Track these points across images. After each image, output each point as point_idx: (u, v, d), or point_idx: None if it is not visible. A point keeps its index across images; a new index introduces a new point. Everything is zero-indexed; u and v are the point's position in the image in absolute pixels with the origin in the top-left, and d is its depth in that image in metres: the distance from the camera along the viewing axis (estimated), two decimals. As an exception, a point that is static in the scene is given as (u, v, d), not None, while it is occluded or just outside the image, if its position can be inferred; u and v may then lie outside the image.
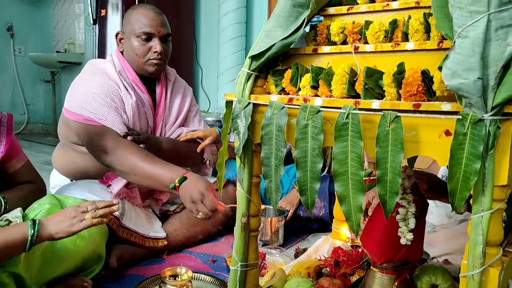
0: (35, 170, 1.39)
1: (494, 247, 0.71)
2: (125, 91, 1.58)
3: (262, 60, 0.91)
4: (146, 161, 1.41)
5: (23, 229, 1.05)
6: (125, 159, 1.43)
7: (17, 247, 1.05)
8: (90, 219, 1.10)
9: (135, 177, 1.43)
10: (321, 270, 1.14)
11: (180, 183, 1.32)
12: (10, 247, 1.03)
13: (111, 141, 1.46)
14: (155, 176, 1.38)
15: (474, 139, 0.66)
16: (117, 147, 1.45)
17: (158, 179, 1.38)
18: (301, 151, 0.82)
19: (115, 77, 1.59)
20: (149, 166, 1.40)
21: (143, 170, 1.40)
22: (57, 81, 5.02)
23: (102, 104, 1.51)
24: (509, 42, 0.63)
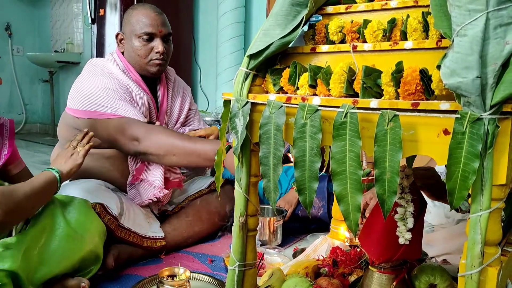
0: (30, 173, 1.40)
1: (492, 246, 0.71)
2: (135, 88, 1.58)
3: (260, 59, 0.91)
4: (183, 139, 1.46)
5: (47, 174, 1.25)
6: (161, 142, 1.45)
7: (49, 190, 1.24)
8: (82, 147, 1.34)
9: (173, 157, 1.45)
10: (319, 270, 1.14)
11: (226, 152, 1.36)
12: (42, 191, 1.21)
13: (140, 128, 1.47)
14: (198, 151, 1.42)
15: (472, 138, 0.66)
16: (149, 132, 1.47)
17: (201, 153, 1.42)
18: (299, 150, 0.82)
19: (121, 76, 1.58)
20: (188, 143, 1.44)
21: (183, 148, 1.43)
22: (55, 80, 5.01)
23: (117, 98, 1.51)
24: (508, 40, 0.63)
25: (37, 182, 1.22)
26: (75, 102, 1.56)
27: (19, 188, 1.17)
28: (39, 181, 1.22)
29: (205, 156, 1.40)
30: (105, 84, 1.53)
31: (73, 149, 1.34)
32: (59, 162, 1.32)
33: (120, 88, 1.54)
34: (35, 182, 1.22)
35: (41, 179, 1.23)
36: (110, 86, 1.52)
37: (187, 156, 1.43)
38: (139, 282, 1.34)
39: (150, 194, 1.57)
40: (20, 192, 1.15)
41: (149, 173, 1.58)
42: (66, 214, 1.29)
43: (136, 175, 1.57)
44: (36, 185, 1.21)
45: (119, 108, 1.49)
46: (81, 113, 1.53)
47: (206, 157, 1.40)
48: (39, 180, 1.23)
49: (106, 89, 1.51)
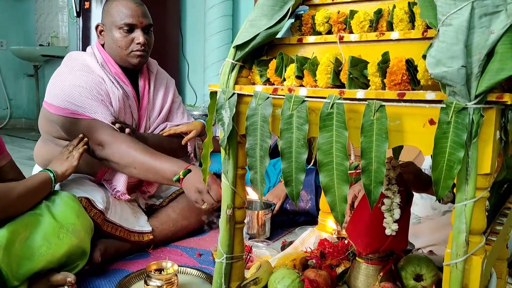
0: (18, 167, 1.38)
1: (477, 235, 0.71)
2: (110, 83, 1.56)
3: (246, 50, 0.90)
4: (146, 154, 1.42)
5: (43, 174, 1.32)
6: (124, 152, 1.43)
7: (43, 189, 1.30)
8: (78, 151, 1.42)
9: (134, 170, 1.44)
10: (307, 262, 1.14)
11: (184, 175, 1.34)
12: (37, 190, 1.28)
13: (106, 134, 1.45)
14: (157, 169, 1.39)
15: (457, 128, 0.66)
16: (114, 140, 1.45)
17: (159, 172, 1.39)
18: (286, 141, 0.81)
19: (98, 70, 1.56)
20: (150, 159, 1.41)
21: (144, 163, 1.41)
22: (40, 75, 4.94)
23: (88, 97, 1.49)
24: (493, 29, 0.63)
25: (32, 182, 1.27)
26: (49, 96, 1.54)
27: (14, 187, 1.21)
28: (34, 181, 1.28)
29: (165, 176, 1.38)
30: (79, 81, 1.51)
31: (68, 153, 1.42)
32: (55, 164, 1.39)
33: (94, 85, 1.51)
34: (30, 182, 1.27)
35: (36, 179, 1.29)
36: (83, 84, 1.50)
37: (146, 171, 1.41)
38: (126, 277, 1.33)
39: (114, 192, 1.58)
40: (15, 191, 1.20)
41: (114, 176, 1.57)
42: (52, 209, 1.27)
43: (100, 175, 1.57)
44: (30, 185, 1.26)
45: (89, 109, 1.48)
46: (53, 108, 1.51)
47: (165, 176, 1.38)
48: (34, 180, 1.28)
49: (79, 87, 1.49)
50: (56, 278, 1.23)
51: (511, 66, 0.63)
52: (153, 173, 1.40)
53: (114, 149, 1.44)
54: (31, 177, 1.31)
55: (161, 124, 1.74)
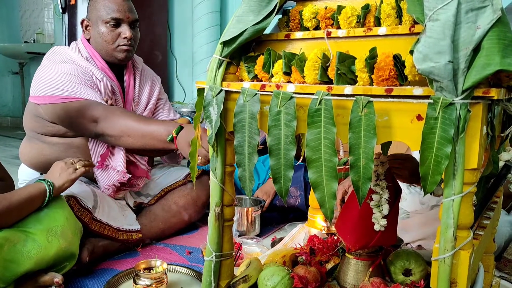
0: (3, 167, 1.35)
1: (464, 230, 0.72)
2: (99, 74, 1.55)
3: (234, 46, 0.89)
4: (139, 120, 1.45)
5: (39, 186, 1.24)
6: (117, 123, 1.44)
7: (37, 202, 1.23)
8: (81, 166, 1.32)
9: (129, 139, 1.44)
10: (297, 259, 1.14)
11: (177, 133, 1.36)
12: (29, 203, 1.21)
13: (99, 110, 1.46)
14: (151, 132, 1.41)
15: (445, 123, 0.66)
16: (107, 113, 1.46)
17: (154, 135, 1.41)
18: (274, 138, 0.81)
19: (84, 63, 1.55)
20: (143, 125, 1.43)
21: (138, 130, 1.43)
22: (25, 72, 4.86)
23: (77, 82, 1.49)
24: (479, 25, 0.63)
25: (25, 193, 1.21)
26: (35, 89, 1.53)
27: (5, 198, 1.16)
28: (28, 193, 1.21)
29: (159, 138, 1.40)
30: (66, 69, 1.50)
31: (71, 164, 1.33)
32: (54, 172, 1.31)
33: (81, 73, 1.51)
34: (23, 193, 1.21)
35: (30, 191, 1.22)
36: (70, 71, 1.50)
37: (141, 137, 1.43)
38: (115, 276, 1.31)
39: (114, 179, 1.56)
40: (5, 202, 1.15)
41: (113, 158, 1.57)
42: (39, 212, 1.25)
43: (101, 161, 1.55)
44: (23, 196, 1.20)
45: (79, 91, 1.47)
46: (41, 99, 1.49)
47: (160, 138, 1.40)
48: (28, 192, 1.21)
49: (67, 74, 1.49)
50: (44, 278, 1.21)
51: (497, 61, 0.63)
52: (147, 137, 1.42)
53: (108, 122, 1.45)
54: (24, 189, 1.23)
55: None
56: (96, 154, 1.55)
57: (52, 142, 1.56)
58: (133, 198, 1.74)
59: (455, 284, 0.73)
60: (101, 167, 1.56)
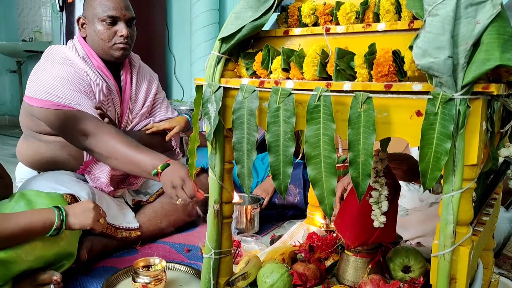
0: (1, 165, 1.34)
1: (464, 226, 0.72)
2: (93, 75, 1.54)
3: (232, 43, 0.89)
4: (128, 146, 1.42)
5: (47, 216, 1.13)
6: (106, 143, 1.42)
7: (36, 233, 1.12)
8: (104, 223, 1.21)
9: (116, 162, 1.43)
10: (296, 256, 1.14)
11: (163, 169, 1.33)
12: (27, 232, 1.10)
13: (91, 125, 1.44)
14: (137, 162, 1.39)
15: (444, 119, 0.66)
16: (98, 131, 1.44)
17: (140, 165, 1.39)
18: (273, 135, 0.81)
19: (80, 63, 1.54)
20: (131, 151, 1.40)
21: (125, 156, 1.40)
22: (23, 71, 4.84)
23: (71, 89, 1.47)
24: (479, 20, 0.63)
25: (25, 221, 1.10)
26: (30, 90, 1.52)
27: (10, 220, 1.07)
28: (28, 221, 1.11)
29: (144, 168, 1.37)
30: (61, 73, 1.49)
31: (99, 213, 1.22)
32: (78, 207, 1.20)
33: (76, 77, 1.50)
34: (24, 219, 1.10)
35: (33, 220, 1.11)
36: (65, 75, 1.48)
37: (127, 163, 1.40)
38: (113, 274, 1.31)
39: (97, 184, 1.56)
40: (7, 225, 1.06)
41: (97, 167, 1.56)
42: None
43: (84, 167, 1.55)
44: (22, 224, 1.09)
45: (72, 100, 1.46)
46: (35, 101, 1.49)
47: (145, 169, 1.37)
48: (29, 220, 1.11)
49: (61, 78, 1.47)
50: (42, 277, 1.20)
51: (496, 56, 0.62)
52: (133, 165, 1.40)
53: (97, 139, 1.43)
54: (30, 214, 1.13)
55: (144, 119, 1.72)
56: (84, 157, 1.55)
57: (48, 140, 1.56)
58: (131, 196, 1.74)
59: (455, 280, 0.73)
60: (83, 172, 1.55)
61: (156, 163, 1.35)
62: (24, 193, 1.26)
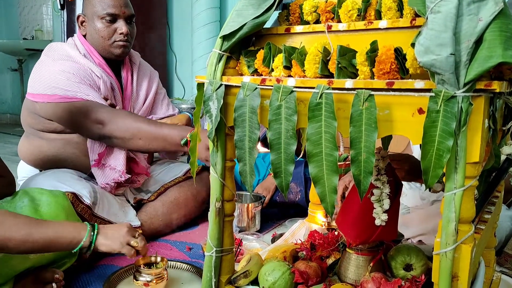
0: (4, 163, 1.34)
1: (466, 224, 0.71)
2: (98, 70, 1.55)
3: (233, 40, 0.89)
4: (150, 124, 1.46)
5: (77, 233, 1.08)
6: (127, 125, 1.44)
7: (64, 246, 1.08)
8: (136, 245, 1.15)
9: (140, 141, 1.45)
10: (298, 254, 1.14)
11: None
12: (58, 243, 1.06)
13: (105, 112, 1.45)
14: (164, 136, 1.43)
15: (446, 116, 0.66)
16: (115, 116, 1.45)
17: (167, 138, 1.43)
18: (275, 132, 0.81)
19: (82, 60, 1.54)
20: (155, 128, 1.45)
21: (150, 132, 1.43)
22: (24, 69, 4.84)
23: (77, 81, 1.48)
24: (481, 17, 0.63)
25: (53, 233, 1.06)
26: (33, 87, 1.52)
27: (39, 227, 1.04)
28: (64, 233, 1.08)
29: (171, 141, 1.42)
30: (64, 67, 1.49)
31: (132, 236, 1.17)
32: (109, 230, 1.15)
33: (80, 71, 1.50)
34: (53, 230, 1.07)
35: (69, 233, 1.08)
36: (69, 69, 1.49)
37: (153, 140, 1.44)
38: (115, 272, 1.31)
39: (110, 178, 1.56)
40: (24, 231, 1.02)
41: (111, 157, 1.56)
42: (40, 208, 1.24)
43: (98, 159, 1.55)
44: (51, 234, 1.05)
45: (79, 91, 1.46)
46: (40, 97, 1.48)
47: (172, 141, 1.42)
48: (65, 232, 1.08)
49: (65, 72, 1.48)
50: (44, 275, 1.21)
51: (499, 53, 0.62)
52: (160, 140, 1.43)
53: (116, 124, 1.44)
54: (60, 226, 1.09)
55: (145, 116, 1.72)
56: (94, 151, 1.54)
57: (50, 138, 1.56)
58: (133, 194, 1.74)
59: (457, 278, 0.72)
60: (97, 165, 1.55)
61: (183, 134, 1.40)
62: (27, 191, 1.26)
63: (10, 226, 1.01)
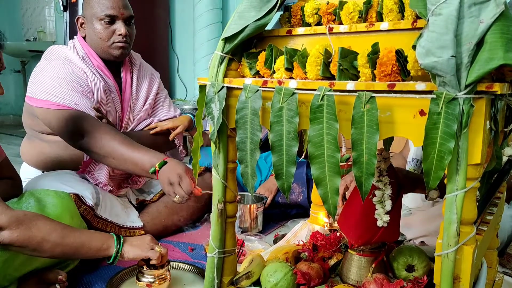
0: (12, 165, 1.35)
1: (468, 225, 0.72)
2: (92, 75, 1.54)
3: (235, 42, 0.89)
4: (125, 145, 1.41)
5: (108, 240, 1.13)
6: (104, 142, 1.42)
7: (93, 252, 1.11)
8: (160, 250, 1.18)
9: (113, 161, 1.42)
10: (300, 255, 1.14)
11: (160, 167, 1.34)
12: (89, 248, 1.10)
13: (87, 124, 1.44)
14: (135, 160, 1.39)
15: (448, 118, 0.66)
16: (95, 130, 1.43)
17: (138, 163, 1.39)
18: (277, 134, 0.81)
19: (79, 63, 1.55)
20: (128, 150, 1.40)
21: (123, 154, 1.40)
22: (27, 71, 4.86)
23: (69, 89, 1.48)
24: (482, 19, 0.63)
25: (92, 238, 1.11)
26: (30, 90, 1.53)
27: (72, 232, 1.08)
28: (95, 239, 1.11)
29: (142, 167, 1.37)
30: (59, 73, 1.50)
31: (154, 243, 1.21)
32: (134, 240, 1.19)
33: (74, 77, 1.50)
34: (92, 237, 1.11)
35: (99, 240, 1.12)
36: (63, 75, 1.49)
37: (124, 162, 1.40)
38: (118, 273, 1.32)
39: (98, 183, 1.57)
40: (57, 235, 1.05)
41: (96, 167, 1.56)
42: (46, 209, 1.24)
43: (84, 167, 1.55)
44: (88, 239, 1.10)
45: (69, 100, 1.46)
46: (34, 101, 1.50)
47: (142, 167, 1.37)
48: (96, 238, 1.12)
49: (59, 78, 1.48)
50: (48, 276, 1.21)
51: (500, 55, 0.62)
52: (130, 164, 1.40)
53: (94, 138, 1.43)
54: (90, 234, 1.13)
55: (146, 118, 1.72)
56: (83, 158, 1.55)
57: (51, 140, 1.56)
58: (135, 195, 1.75)
59: (459, 279, 0.73)
60: (83, 172, 1.56)
61: (153, 161, 1.35)
62: (33, 192, 1.27)
63: (47, 229, 1.05)
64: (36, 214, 1.08)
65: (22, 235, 1.01)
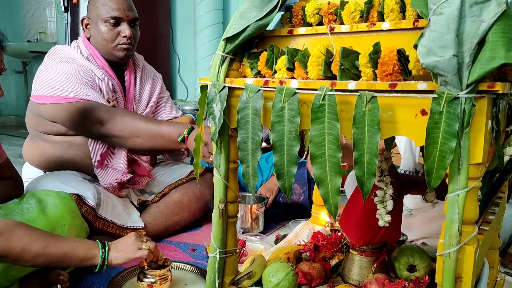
0: (13, 166, 1.35)
1: (470, 225, 0.71)
2: (100, 73, 1.56)
3: (236, 43, 0.89)
4: (149, 122, 1.46)
5: (92, 248, 1.09)
6: (126, 123, 1.45)
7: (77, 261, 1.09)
8: (147, 247, 1.15)
9: (138, 139, 1.45)
10: (301, 255, 1.14)
11: (188, 133, 1.39)
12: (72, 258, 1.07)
13: (104, 111, 1.46)
14: (161, 133, 1.43)
15: (449, 118, 0.66)
16: (114, 114, 1.46)
17: (165, 136, 1.43)
18: (278, 134, 0.81)
19: (84, 62, 1.56)
20: (154, 126, 1.45)
21: (148, 131, 1.44)
22: (29, 71, 4.87)
23: (78, 82, 1.49)
24: (484, 18, 0.63)
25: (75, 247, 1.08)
26: (36, 89, 1.53)
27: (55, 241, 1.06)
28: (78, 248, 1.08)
29: (170, 138, 1.42)
30: (66, 69, 1.51)
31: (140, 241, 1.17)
32: (118, 244, 1.15)
33: (81, 73, 1.52)
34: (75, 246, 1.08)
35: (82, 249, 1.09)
36: (70, 71, 1.51)
37: (151, 138, 1.44)
38: (119, 273, 1.32)
39: (113, 178, 1.56)
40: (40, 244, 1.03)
41: (113, 158, 1.57)
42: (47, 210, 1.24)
43: (101, 161, 1.55)
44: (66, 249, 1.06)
45: (80, 92, 1.48)
46: (42, 99, 1.50)
47: (170, 138, 1.42)
48: (79, 248, 1.09)
49: (67, 73, 1.50)
50: (49, 276, 1.21)
51: (502, 55, 0.62)
52: (157, 138, 1.43)
53: (114, 123, 1.45)
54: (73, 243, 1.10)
55: None
56: (96, 153, 1.55)
57: (54, 141, 1.57)
58: (136, 195, 1.75)
59: (460, 279, 0.72)
60: (100, 166, 1.56)
61: (180, 130, 1.40)
62: (34, 193, 1.27)
63: (27, 239, 1.02)
64: (18, 223, 1.05)
65: (2, 246, 0.99)
